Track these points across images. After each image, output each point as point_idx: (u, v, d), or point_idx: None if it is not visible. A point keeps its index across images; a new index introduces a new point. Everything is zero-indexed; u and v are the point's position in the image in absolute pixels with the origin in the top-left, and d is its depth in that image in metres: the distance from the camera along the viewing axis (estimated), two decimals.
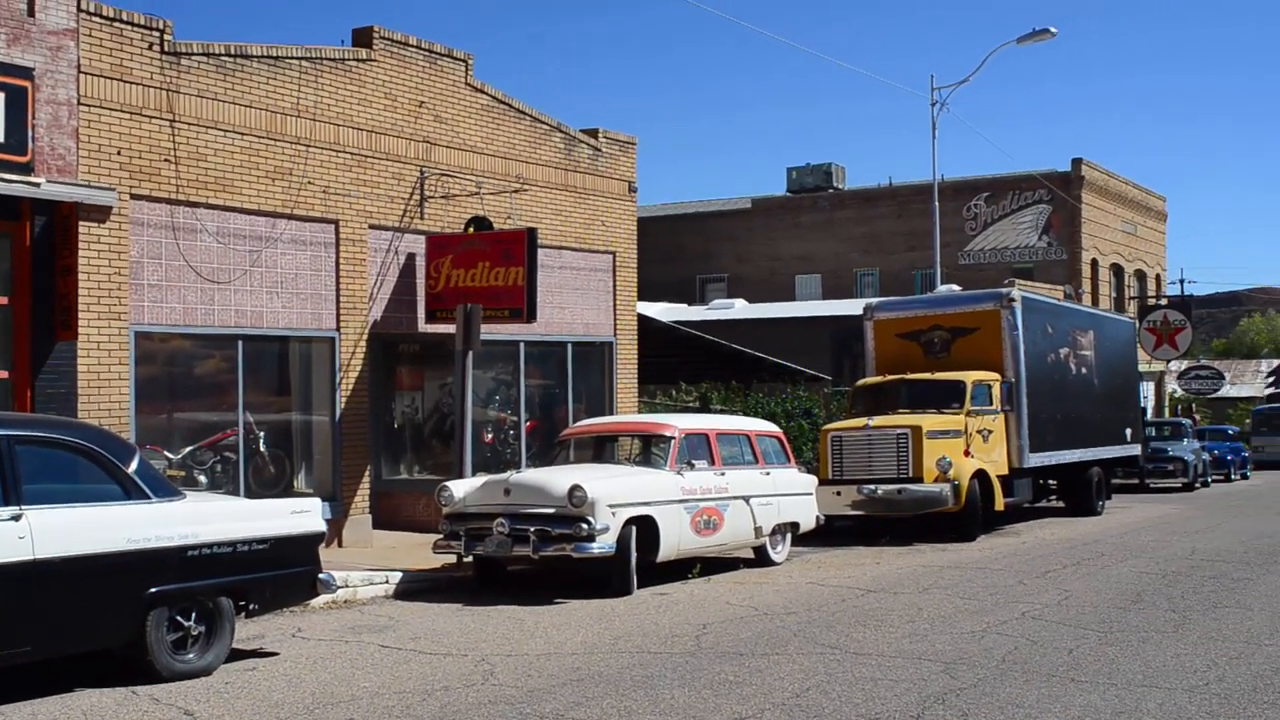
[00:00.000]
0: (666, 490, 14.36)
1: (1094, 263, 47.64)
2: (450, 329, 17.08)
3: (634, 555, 13.74)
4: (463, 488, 14.44)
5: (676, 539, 14.37)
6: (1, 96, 13.22)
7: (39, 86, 13.60)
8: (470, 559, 14.28)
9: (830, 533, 19.09)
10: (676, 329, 27.15)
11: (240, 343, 16.01)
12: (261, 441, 16.56)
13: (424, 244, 18.29)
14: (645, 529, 13.94)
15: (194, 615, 9.42)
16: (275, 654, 10.31)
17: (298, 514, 10.36)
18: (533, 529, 13.39)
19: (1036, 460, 21.69)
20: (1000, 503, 20.21)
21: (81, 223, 13.93)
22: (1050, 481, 24.25)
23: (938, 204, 33.86)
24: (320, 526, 10.58)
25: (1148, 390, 47.59)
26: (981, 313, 21.79)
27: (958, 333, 21.87)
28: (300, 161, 16.57)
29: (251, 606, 10.04)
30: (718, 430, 15.94)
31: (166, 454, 15.37)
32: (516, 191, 19.52)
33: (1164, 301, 49.12)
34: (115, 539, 8.92)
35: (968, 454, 19.76)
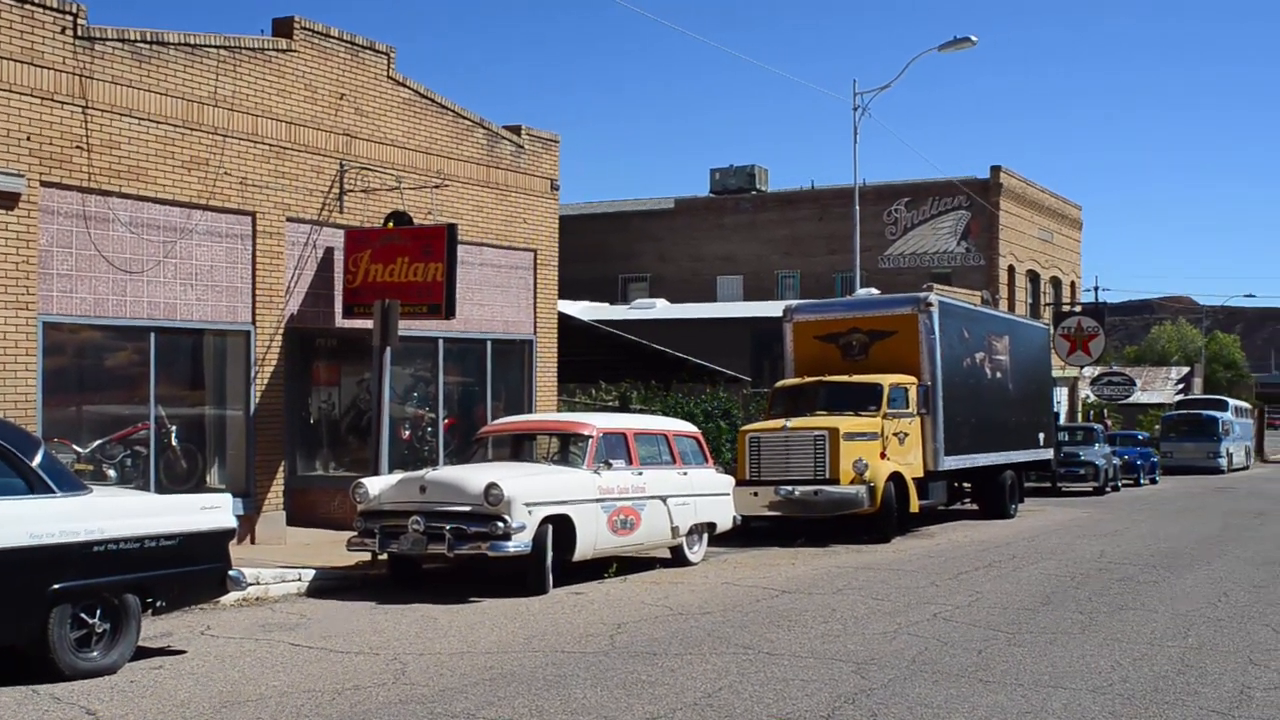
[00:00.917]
0: (583, 489, 14.33)
1: (1011, 269, 48.35)
2: (368, 324, 16.92)
3: (550, 554, 13.70)
4: (378, 485, 14.31)
5: (593, 538, 14.36)
6: None
7: None
8: (385, 557, 14.15)
9: (747, 533, 19.18)
10: (597, 328, 27.14)
11: (153, 335, 15.75)
12: (173, 436, 16.29)
13: (343, 238, 18.11)
14: (562, 528, 13.91)
15: (98, 612, 9.24)
16: (183, 652, 10.14)
17: (208, 510, 10.21)
18: (448, 527, 13.30)
19: (951, 463, 21.94)
20: (915, 505, 20.42)
21: None
22: (965, 484, 24.53)
23: (859, 208, 34.13)
24: (231, 523, 10.43)
25: (1061, 395, 48.40)
26: (899, 316, 21.99)
27: (876, 336, 22.06)
28: (217, 152, 16.33)
29: (159, 604, 9.86)
30: (636, 430, 15.95)
31: (75, 447, 15.06)
32: (437, 187, 19.39)
33: (1078, 308, 49.93)
34: (17, 534, 8.71)
35: (884, 456, 19.94)
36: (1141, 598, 13.53)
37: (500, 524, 13.15)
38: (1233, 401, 55.70)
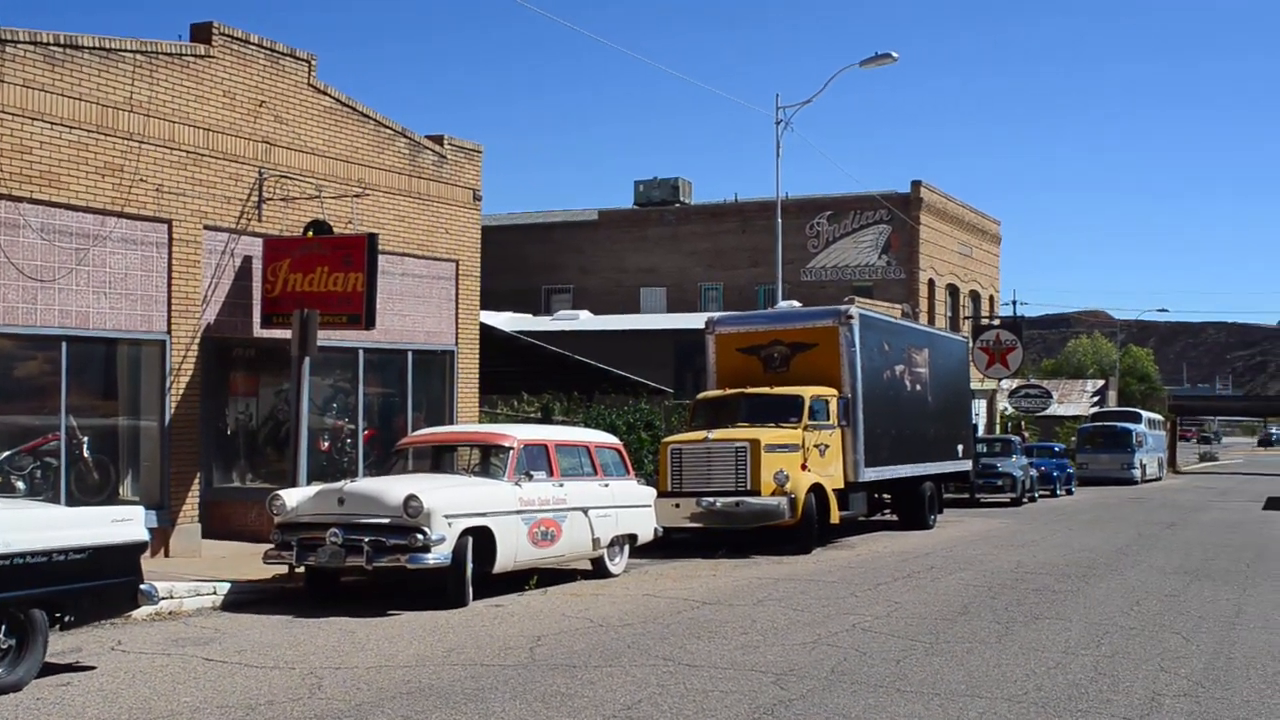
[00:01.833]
0: (504, 501, 14.25)
1: (931, 282, 48.89)
2: (287, 334, 16.72)
3: (470, 566, 13.61)
4: (296, 496, 14.13)
5: (513, 550, 14.28)
6: None
7: None
8: (302, 570, 13.97)
9: (669, 545, 19.19)
10: (520, 339, 27.05)
11: (64, 344, 15.43)
12: (85, 447, 15.97)
13: (261, 247, 17.88)
14: (482, 540, 13.82)
15: (3, 628, 9.00)
16: (92, 668, 9.92)
17: (119, 522, 10.00)
18: (367, 539, 13.16)
19: (871, 475, 22.11)
20: (836, 516, 20.55)
21: None
22: (885, 495, 24.73)
23: (781, 221, 34.34)
24: (143, 535, 10.23)
25: (979, 408, 48.99)
26: (821, 329, 22.14)
27: (797, 348, 22.19)
28: (132, 158, 16.06)
29: (67, 619, 9.63)
30: (557, 441, 15.89)
31: None
32: (358, 196, 19.22)
33: (997, 322, 50.61)
34: None
35: (805, 468, 20.05)
36: (1057, 607, 13.71)
37: (420, 536, 13.04)
38: (1146, 414, 56.76)
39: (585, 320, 43.59)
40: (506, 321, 37.37)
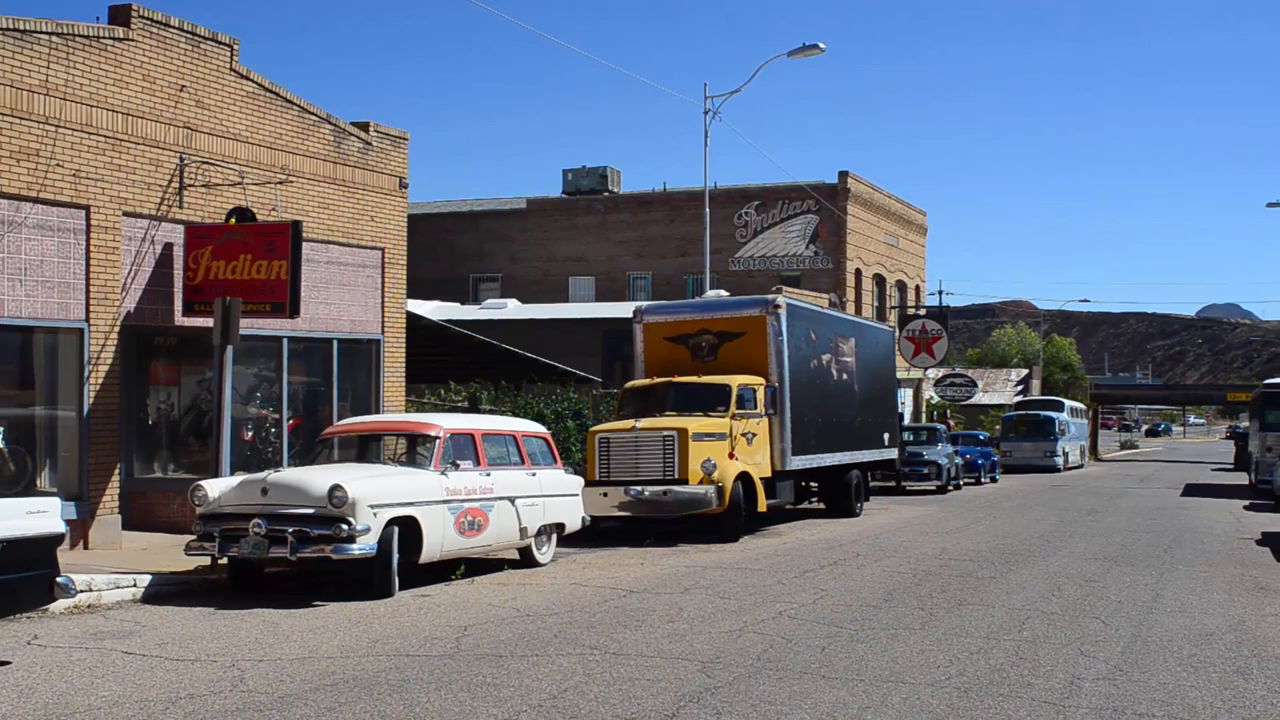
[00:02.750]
0: (430, 491, 14.16)
1: (858, 272, 49.26)
2: (209, 322, 16.49)
3: (396, 557, 13.50)
4: (218, 487, 13.94)
5: (440, 540, 14.19)
6: None
7: None
8: (225, 561, 13.78)
9: (597, 534, 19.19)
10: (447, 328, 26.86)
11: None
12: (1, 438, 15.64)
13: (183, 234, 17.60)
14: (408, 530, 13.72)
15: None
16: (7, 663, 9.72)
17: (34, 514, 9.81)
18: (291, 530, 13.01)
19: (798, 463, 22.23)
20: (763, 504, 20.64)
21: None
22: (812, 484, 24.90)
23: (710, 211, 34.40)
24: (59, 527, 10.04)
25: (905, 396, 49.45)
26: (748, 318, 22.21)
27: (725, 337, 22.25)
28: (49, 142, 15.74)
29: None
30: (484, 431, 15.81)
31: None
32: (282, 183, 18.99)
33: (923, 312, 51.08)
34: None
35: (732, 456, 20.11)
36: (980, 593, 13.87)
37: (345, 526, 12.92)
38: (1069, 403, 57.60)
39: (514, 309, 43.47)
40: (434, 310, 37.15)
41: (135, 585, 13.21)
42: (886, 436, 27.97)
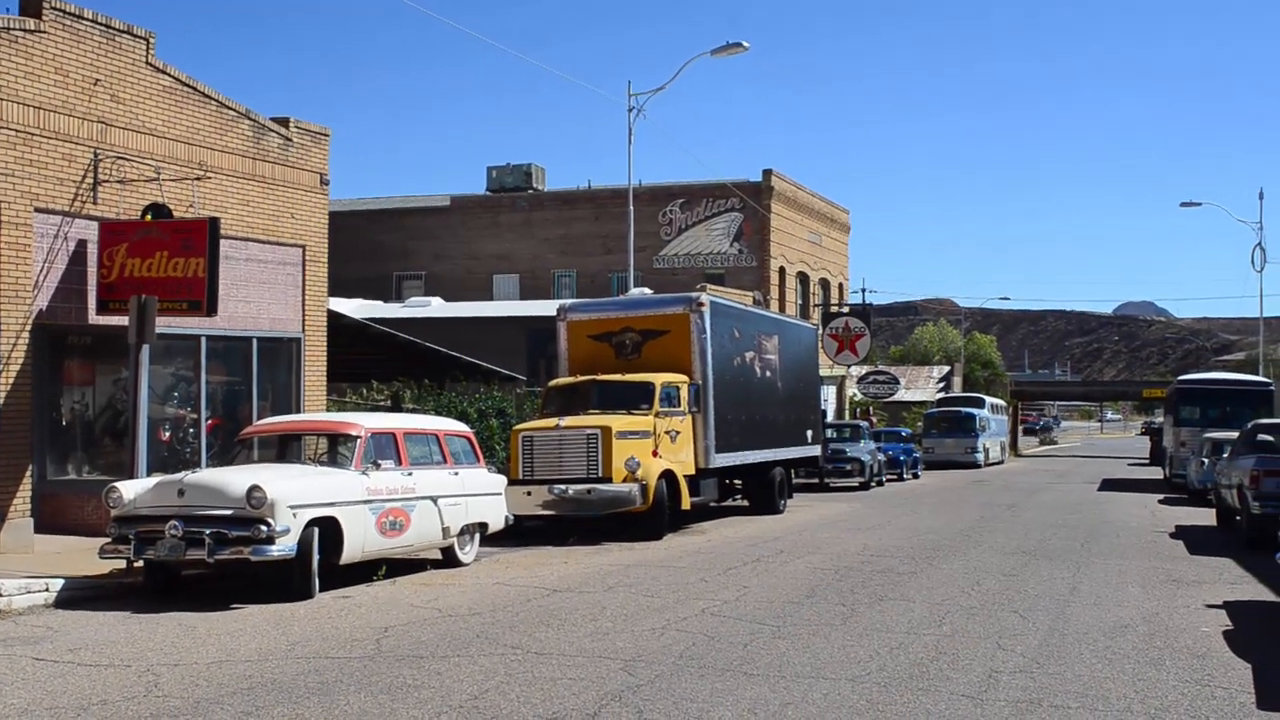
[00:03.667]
0: (351, 491, 14.01)
1: (782, 270, 49.53)
2: (125, 321, 16.19)
3: (316, 558, 13.33)
4: (134, 488, 13.70)
5: (361, 540, 14.05)
6: None
7: None
8: (141, 564, 13.55)
9: (521, 533, 19.11)
10: (370, 326, 26.62)
11: None
12: None
13: (97, 230, 17.28)
14: (328, 530, 13.57)
15: None
16: None
17: None
18: (208, 531, 12.82)
19: (722, 460, 22.30)
20: (687, 502, 20.67)
21: None
22: (736, 481, 24.98)
23: (634, 208, 34.43)
24: None
25: (829, 394, 49.82)
26: (672, 316, 22.24)
27: (649, 335, 22.26)
28: None
29: None
30: (406, 430, 15.69)
31: None
32: (199, 179, 18.70)
33: (846, 309, 51.50)
34: None
35: (656, 454, 20.12)
36: (901, 588, 13.99)
37: (263, 527, 12.75)
38: (989, 399, 58.35)
39: (437, 307, 43.22)
40: (357, 308, 36.81)
41: (47, 590, 12.94)
42: (810, 434, 28.14)
